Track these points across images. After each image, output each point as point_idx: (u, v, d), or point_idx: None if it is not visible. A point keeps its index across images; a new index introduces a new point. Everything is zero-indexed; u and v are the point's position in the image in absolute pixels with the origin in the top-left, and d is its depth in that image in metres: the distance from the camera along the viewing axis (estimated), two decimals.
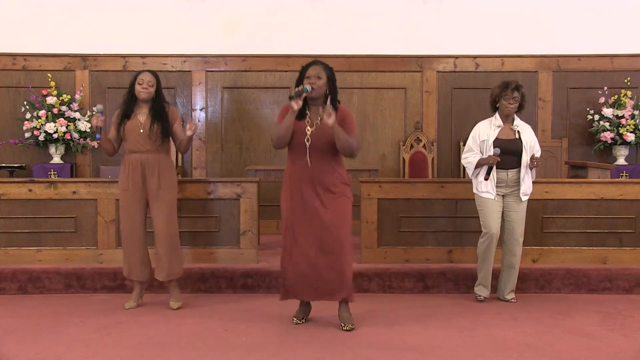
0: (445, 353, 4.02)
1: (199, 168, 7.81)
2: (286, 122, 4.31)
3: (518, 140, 5.13)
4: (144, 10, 7.82)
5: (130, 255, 5.01)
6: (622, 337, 4.35)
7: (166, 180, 4.98)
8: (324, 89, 4.38)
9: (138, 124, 4.92)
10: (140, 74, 4.99)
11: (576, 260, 5.73)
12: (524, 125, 5.23)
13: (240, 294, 5.50)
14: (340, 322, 4.50)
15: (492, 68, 7.84)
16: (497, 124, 5.18)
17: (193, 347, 4.12)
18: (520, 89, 5.17)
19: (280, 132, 4.33)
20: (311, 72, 4.36)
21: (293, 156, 4.44)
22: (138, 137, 4.90)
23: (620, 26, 7.82)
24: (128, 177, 4.94)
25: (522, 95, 5.18)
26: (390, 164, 7.89)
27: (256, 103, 7.88)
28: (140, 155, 4.92)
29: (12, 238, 5.73)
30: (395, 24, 7.84)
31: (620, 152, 7.65)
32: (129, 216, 4.96)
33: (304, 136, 4.36)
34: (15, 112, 7.72)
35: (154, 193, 4.95)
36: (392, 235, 5.81)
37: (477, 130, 5.24)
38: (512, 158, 5.09)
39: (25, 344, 4.16)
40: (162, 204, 4.96)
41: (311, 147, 4.35)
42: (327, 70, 4.41)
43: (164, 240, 4.96)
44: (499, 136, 5.14)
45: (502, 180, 5.12)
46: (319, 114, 4.32)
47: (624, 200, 5.76)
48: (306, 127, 4.36)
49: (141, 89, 4.93)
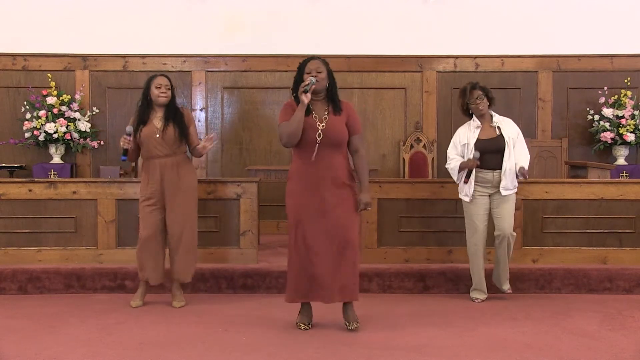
0: (445, 353, 4.01)
1: (199, 168, 7.81)
2: (297, 118, 4.27)
3: (500, 137, 5.11)
4: (144, 11, 7.82)
5: (147, 260, 4.99)
6: (622, 337, 4.35)
7: (186, 182, 4.99)
8: (325, 82, 4.39)
9: (154, 129, 4.93)
10: (155, 78, 5.00)
11: (576, 260, 5.73)
12: (503, 120, 5.21)
13: (240, 294, 5.50)
14: (346, 322, 4.49)
15: (492, 68, 7.85)
16: (476, 125, 5.17)
17: (193, 347, 4.12)
18: (477, 87, 5.16)
19: (291, 129, 4.29)
20: (311, 66, 4.38)
21: (301, 152, 4.40)
22: (155, 143, 4.91)
23: (620, 26, 7.82)
24: (147, 183, 4.96)
25: (484, 90, 5.16)
26: (390, 164, 7.89)
27: (256, 103, 7.88)
28: (159, 160, 4.93)
29: (12, 238, 5.73)
30: (395, 24, 7.84)
31: (620, 152, 7.65)
32: (150, 223, 4.96)
33: (313, 132, 4.32)
34: (16, 112, 7.72)
35: (172, 196, 4.95)
36: (392, 235, 5.81)
37: (457, 136, 5.24)
38: (496, 157, 5.08)
39: (25, 344, 4.16)
40: (181, 206, 4.97)
41: (321, 143, 4.34)
42: (325, 64, 4.43)
43: (178, 242, 4.99)
44: (479, 137, 5.13)
45: (488, 180, 5.11)
46: (366, 208, 4.44)
47: (624, 200, 5.76)
48: (316, 122, 4.35)
49: (160, 94, 4.93)
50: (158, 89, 4.94)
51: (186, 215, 5.01)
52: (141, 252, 5.00)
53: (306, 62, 4.42)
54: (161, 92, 4.94)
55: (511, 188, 5.12)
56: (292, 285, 4.45)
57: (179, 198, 4.97)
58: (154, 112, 5.00)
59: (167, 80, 5.01)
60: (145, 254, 4.99)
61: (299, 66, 4.44)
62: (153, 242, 4.98)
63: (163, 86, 4.95)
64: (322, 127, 4.34)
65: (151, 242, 4.97)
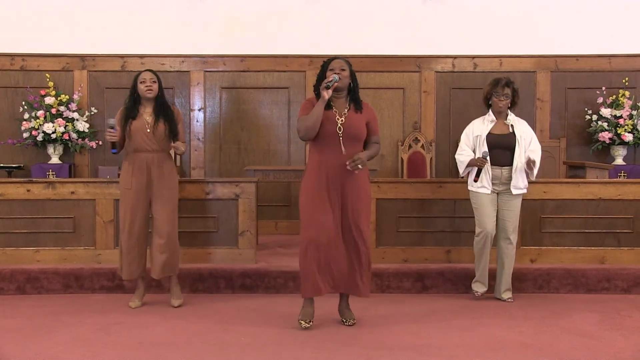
0: (444, 353, 4.02)
1: (198, 168, 7.80)
2: (317, 111, 4.33)
3: (511, 135, 5.13)
4: (143, 11, 7.80)
5: (127, 253, 4.99)
6: (620, 336, 4.36)
7: (170, 179, 5.04)
8: (347, 81, 4.46)
9: (145, 123, 4.96)
10: (140, 74, 5.04)
11: (574, 260, 5.74)
12: (518, 121, 5.23)
13: (239, 294, 5.50)
14: (342, 318, 4.58)
15: (491, 68, 7.84)
16: (490, 119, 5.19)
17: (192, 347, 4.12)
18: (511, 85, 5.18)
19: (310, 122, 4.34)
20: (335, 64, 4.45)
21: (321, 146, 4.44)
22: (145, 137, 4.94)
23: (618, 26, 7.82)
24: (132, 175, 4.97)
25: (514, 91, 5.18)
26: (389, 164, 7.89)
27: (254, 103, 7.87)
28: (147, 155, 4.96)
29: (11, 238, 5.72)
30: (394, 24, 7.84)
31: (618, 152, 7.65)
32: (132, 215, 4.97)
33: (332, 126, 4.39)
34: (14, 113, 7.70)
35: (158, 192, 4.98)
36: (390, 235, 5.81)
37: (471, 127, 5.26)
38: (506, 153, 5.09)
39: (24, 344, 4.16)
40: (166, 203, 4.99)
41: (342, 136, 4.40)
42: (349, 64, 4.50)
43: (166, 239, 4.98)
44: (492, 131, 5.15)
45: (497, 177, 5.13)
46: (355, 168, 4.34)
47: (622, 200, 5.77)
48: (335, 116, 4.41)
49: (145, 88, 4.97)
50: (143, 83, 4.99)
51: (172, 212, 5.04)
52: (125, 245, 4.97)
53: (330, 60, 4.50)
54: (146, 86, 4.97)
55: (522, 187, 5.14)
56: (309, 279, 4.41)
57: (165, 195, 4.99)
58: (143, 107, 5.03)
59: (152, 74, 5.04)
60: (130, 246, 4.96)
61: (323, 64, 4.52)
62: (138, 234, 4.99)
63: (148, 80, 4.98)
64: (342, 122, 4.41)
65: (136, 234, 4.97)
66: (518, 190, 5.12)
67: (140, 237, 5.02)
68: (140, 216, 4.99)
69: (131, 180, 4.96)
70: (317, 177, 4.42)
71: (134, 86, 5.02)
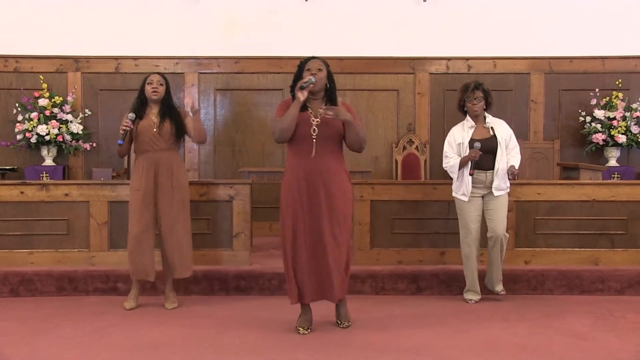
0: (438, 354, 4.02)
1: (192, 170, 7.79)
2: (291, 113, 4.28)
3: (493, 138, 5.14)
4: (136, 12, 7.79)
5: (138, 256, 4.99)
6: (614, 338, 4.37)
7: (179, 179, 5.05)
8: (324, 82, 4.41)
9: (151, 123, 5.00)
10: (148, 76, 5.13)
11: (568, 261, 5.75)
12: (497, 122, 5.24)
13: (233, 296, 5.49)
14: (337, 320, 4.57)
15: (485, 70, 7.86)
16: (469, 125, 5.19)
17: (186, 349, 4.12)
18: (480, 87, 5.18)
19: (285, 124, 4.29)
20: (311, 65, 4.39)
21: (296, 149, 4.41)
22: (152, 137, 4.99)
23: (612, 28, 7.85)
24: (141, 177, 4.99)
25: (485, 92, 5.18)
26: (383, 165, 7.90)
27: (249, 105, 7.87)
28: (154, 154, 5.00)
29: (4, 240, 5.70)
30: (388, 26, 7.85)
31: (611, 154, 7.68)
32: (141, 217, 4.97)
33: (308, 127, 4.33)
34: (7, 114, 7.68)
35: (167, 192, 5.00)
36: (384, 237, 5.81)
37: (452, 135, 5.25)
38: (489, 157, 5.09)
39: (18, 346, 4.15)
40: (176, 203, 5.02)
41: (317, 138, 4.34)
42: (325, 64, 4.44)
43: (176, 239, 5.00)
44: (473, 136, 5.15)
45: (481, 181, 5.13)
46: (326, 112, 4.25)
47: (616, 201, 5.78)
48: (310, 118, 4.35)
49: (151, 89, 5.04)
50: (150, 85, 5.06)
51: (180, 211, 5.04)
52: (134, 247, 4.99)
53: (307, 60, 4.45)
54: (152, 88, 5.04)
55: (504, 188, 5.14)
56: (296, 286, 4.41)
57: (173, 194, 5.01)
58: (150, 108, 5.09)
59: (160, 77, 5.13)
60: (141, 248, 4.98)
61: (300, 64, 4.46)
62: (147, 236, 4.99)
63: (155, 82, 5.06)
64: (317, 122, 4.35)
65: (145, 235, 4.98)
66: (500, 191, 5.13)
67: (151, 239, 5.02)
68: (149, 218, 5.00)
69: (140, 182, 4.98)
70: (294, 181, 4.38)
71: (142, 88, 5.09)
